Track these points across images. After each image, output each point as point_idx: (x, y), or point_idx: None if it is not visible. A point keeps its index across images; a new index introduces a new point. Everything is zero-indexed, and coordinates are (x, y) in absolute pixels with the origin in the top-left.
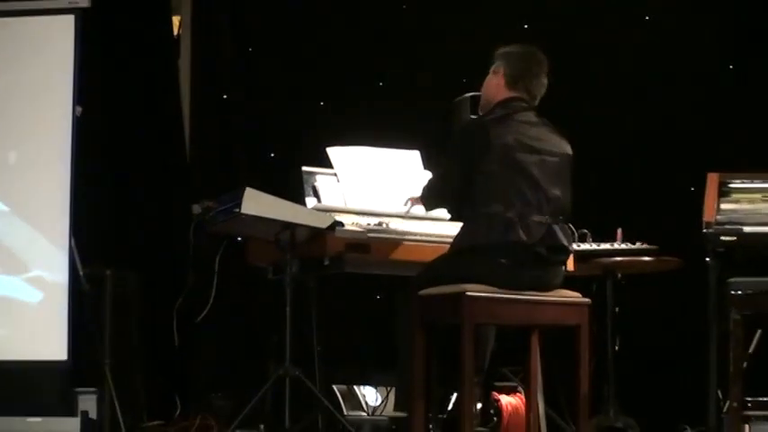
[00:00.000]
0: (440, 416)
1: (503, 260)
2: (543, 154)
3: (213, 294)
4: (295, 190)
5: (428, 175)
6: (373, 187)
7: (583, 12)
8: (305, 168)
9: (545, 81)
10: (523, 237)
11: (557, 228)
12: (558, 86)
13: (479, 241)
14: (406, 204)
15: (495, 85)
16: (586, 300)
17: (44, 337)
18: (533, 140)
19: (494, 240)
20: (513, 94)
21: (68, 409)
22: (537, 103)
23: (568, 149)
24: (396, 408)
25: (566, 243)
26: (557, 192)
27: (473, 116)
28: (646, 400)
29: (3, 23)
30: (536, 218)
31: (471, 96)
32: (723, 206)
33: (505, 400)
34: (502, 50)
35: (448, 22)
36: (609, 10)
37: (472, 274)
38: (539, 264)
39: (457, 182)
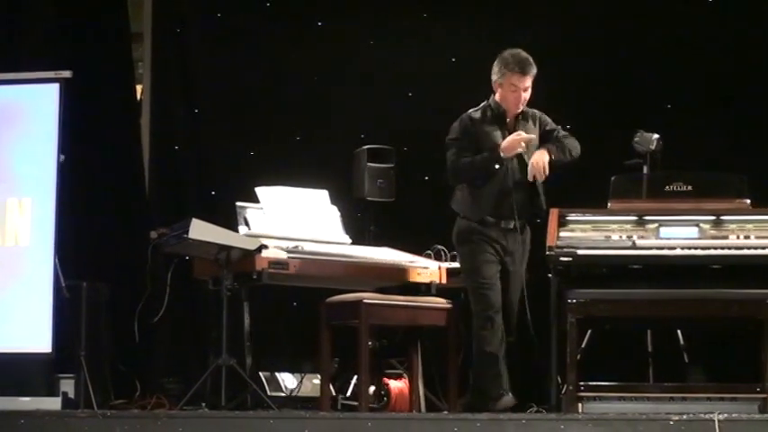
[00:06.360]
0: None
1: None
2: None
3: (166, 301)
4: (230, 220)
5: (334, 210)
6: (291, 218)
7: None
8: (238, 203)
9: None
10: None
11: None
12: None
13: None
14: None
15: None
16: (452, 305)
17: (34, 334)
18: None
19: None
20: None
21: (52, 391)
22: None
23: None
24: None
25: None
26: None
27: (369, 164)
28: None
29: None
30: None
31: (367, 148)
32: (562, 234)
33: (393, 384)
34: None
35: (348, 92)
36: None
37: None
38: None
39: None
